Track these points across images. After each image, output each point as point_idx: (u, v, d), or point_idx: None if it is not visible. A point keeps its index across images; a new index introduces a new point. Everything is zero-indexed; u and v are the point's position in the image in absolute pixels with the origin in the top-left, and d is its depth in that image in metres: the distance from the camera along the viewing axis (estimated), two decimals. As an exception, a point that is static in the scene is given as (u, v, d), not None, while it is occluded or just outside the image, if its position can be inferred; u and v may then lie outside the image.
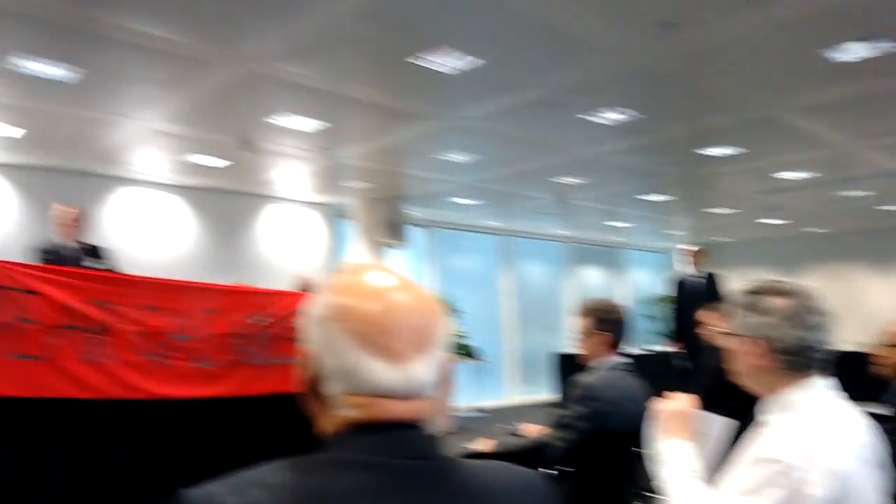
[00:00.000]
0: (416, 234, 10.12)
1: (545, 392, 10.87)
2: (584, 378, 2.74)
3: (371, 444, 0.79)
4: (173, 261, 7.78)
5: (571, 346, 12.17)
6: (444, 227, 11.08)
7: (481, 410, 9.87)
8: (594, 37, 4.07)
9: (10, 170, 6.93)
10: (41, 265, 4.22)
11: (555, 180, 7.94)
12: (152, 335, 3.89)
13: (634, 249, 14.54)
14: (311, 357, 0.83)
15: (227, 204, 8.48)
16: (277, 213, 9.01)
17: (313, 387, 0.84)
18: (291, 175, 7.80)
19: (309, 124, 5.74)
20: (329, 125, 5.78)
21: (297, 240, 9.16)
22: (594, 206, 9.80)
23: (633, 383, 2.79)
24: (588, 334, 2.87)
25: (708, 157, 6.91)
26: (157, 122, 5.67)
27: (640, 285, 14.44)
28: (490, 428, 3.92)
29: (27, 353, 3.44)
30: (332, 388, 0.81)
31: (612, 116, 5.56)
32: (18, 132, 5.83)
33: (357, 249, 8.98)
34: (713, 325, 4.58)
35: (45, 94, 4.92)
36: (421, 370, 0.81)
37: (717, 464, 1.51)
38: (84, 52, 4.25)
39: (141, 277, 4.31)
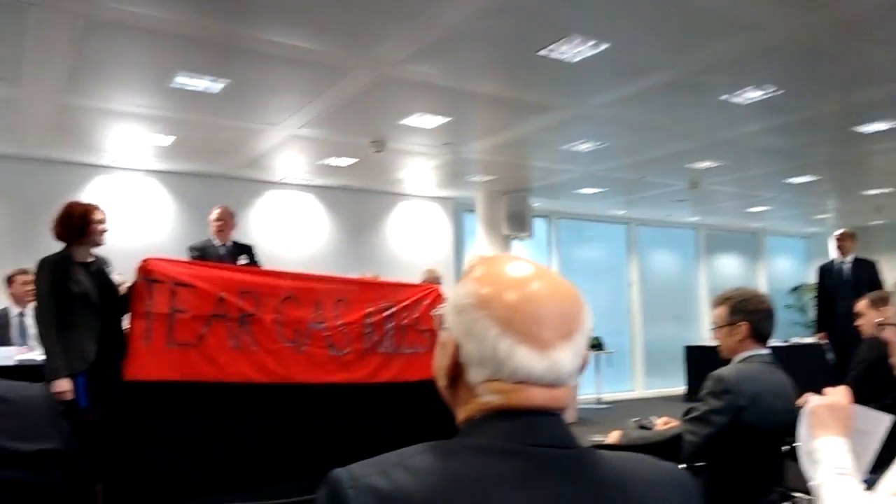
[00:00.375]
0: (539, 225, 10.08)
1: (674, 385, 10.51)
2: (720, 370, 2.62)
3: (512, 431, 0.79)
4: (309, 256, 8.24)
5: (706, 337, 11.63)
6: (568, 218, 10.93)
7: (603, 402, 9.70)
8: (734, 12, 3.87)
9: (165, 176, 7.65)
10: (192, 261, 4.62)
11: (688, 166, 7.62)
12: (290, 324, 4.18)
13: (775, 235, 13.61)
14: (452, 344, 0.83)
15: (357, 202, 8.87)
16: (404, 209, 9.30)
17: (453, 373, 0.84)
18: (418, 171, 8.02)
19: (435, 121, 5.88)
20: (454, 121, 5.88)
21: (423, 234, 9.40)
22: (731, 191, 9.29)
23: (777, 377, 2.63)
24: (724, 325, 2.73)
25: (861, 133, 6.35)
26: (296, 128, 6.04)
27: (781, 273, 13.51)
28: (616, 420, 3.85)
29: (183, 341, 3.80)
30: (473, 374, 0.82)
31: (752, 95, 5.25)
32: (168, 140, 6.42)
33: (481, 242, 9.08)
34: (870, 315, 4.21)
35: (193, 104, 5.37)
36: (566, 358, 0.81)
37: (874, 463, 1.41)
38: (230, 65, 4.61)
39: (280, 271, 4.64)
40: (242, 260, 5.07)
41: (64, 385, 3.35)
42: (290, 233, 8.36)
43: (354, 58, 4.46)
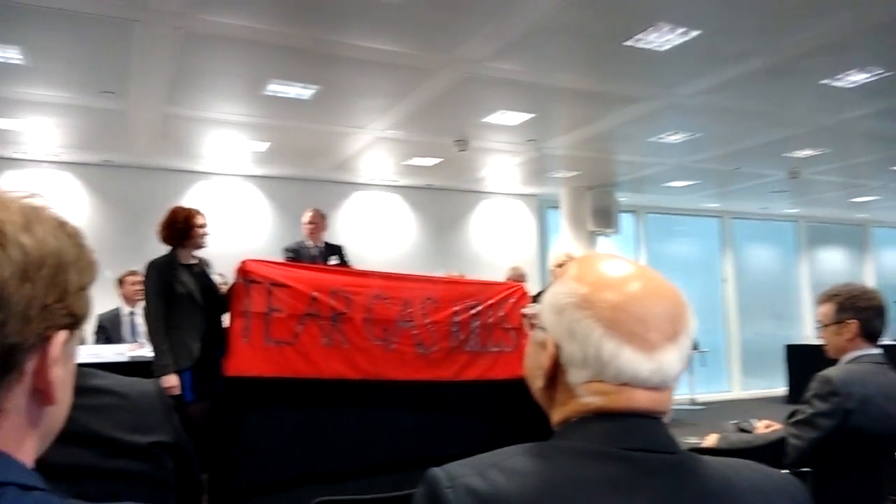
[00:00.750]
0: (626, 221, 9.82)
1: (773, 386, 10.00)
2: (827, 371, 2.46)
3: (612, 433, 0.77)
4: (395, 256, 8.38)
5: (809, 335, 11.02)
6: (657, 212, 10.60)
7: (697, 403, 9.33)
8: (838, -10, 3.64)
9: (260, 180, 7.99)
10: (286, 262, 4.79)
11: (787, 155, 7.22)
12: (379, 322, 4.28)
13: (882, 227, 12.68)
14: (552, 345, 0.82)
15: (441, 201, 8.95)
16: (488, 207, 9.30)
17: (550, 374, 0.83)
18: (501, 169, 8.00)
19: (518, 118, 5.85)
20: (538, 117, 5.82)
21: (507, 232, 9.37)
22: (834, 181, 8.73)
23: (890, 378, 2.46)
24: (832, 323, 2.57)
25: None
26: (382, 130, 6.15)
27: (890, 268, 12.58)
28: (711, 422, 3.70)
29: (280, 339, 3.95)
30: (574, 375, 0.80)
31: (855, 78, 4.92)
32: (263, 146, 6.68)
33: (566, 239, 8.94)
34: None
35: (284, 111, 5.58)
36: (672, 360, 0.79)
37: None
38: (320, 72, 4.75)
39: (369, 271, 4.74)
40: (333, 260, 5.22)
41: (172, 380, 3.55)
42: (377, 233, 8.53)
43: (438, 58, 4.50)
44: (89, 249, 0.64)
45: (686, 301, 0.84)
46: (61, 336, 0.59)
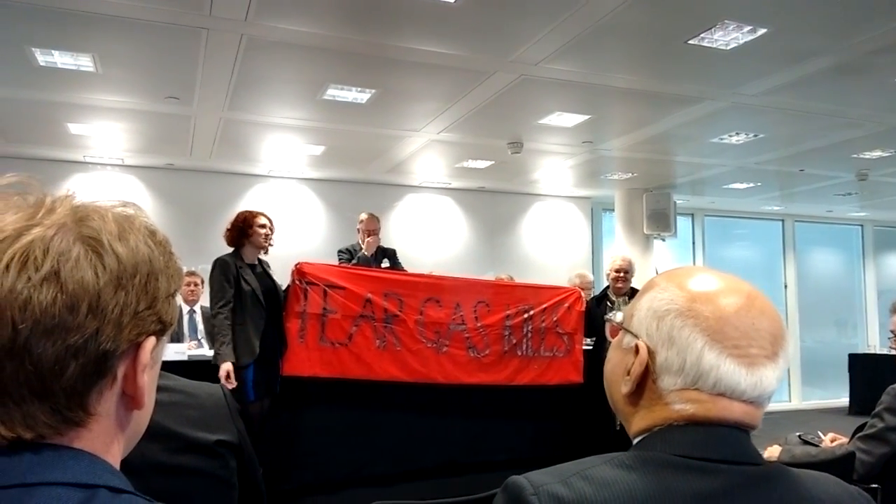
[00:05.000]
0: (682, 224, 9.59)
1: (835, 396, 9.62)
2: None
3: (703, 443, 0.77)
4: (447, 258, 8.38)
5: (874, 344, 10.56)
6: (715, 215, 10.33)
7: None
8: (917, -16, 3.46)
9: (316, 183, 8.11)
10: (341, 265, 4.83)
11: (855, 156, 6.92)
12: (431, 325, 4.29)
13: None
14: (646, 350, 0.82)
15: (494, 203, 8.92)
16: (540, 210, 9.21)
17: (639, 380, 0.82)
18: (554, 171, 7.91)
19: (574, 119, 5.77)
20: (594, 118, 5.74)
21: (560, 235, 9.26)
22: (906, 182, 8.34)
23: None
24: None
25: None
26: (436, 133, 6.16)
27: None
28: (770, 433, 3.56)
29: (335, 340, 4.00)
30: (666, 382, 0.80)
31: (935, 75, 4.68)
32: (319, 149, 6.77)
33: (620, 242, 8.78)
34: None
35: (341, 115, 5.64)
36: (770, 377, 0.79)
37: None
38: (376, 76, 4.78)
39: (422, 273, 4.76)
40: (385, 263, 5.25)
41: (229, 367, 3.61)
42: (429, 235, 8.56)
43: (495, 60, 4.47)
44: (177, 257, 0.65)
45: (784, 322, 0.84)
46: (150, 342, 0.60)
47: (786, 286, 10.63)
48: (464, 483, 3.94)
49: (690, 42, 4.14)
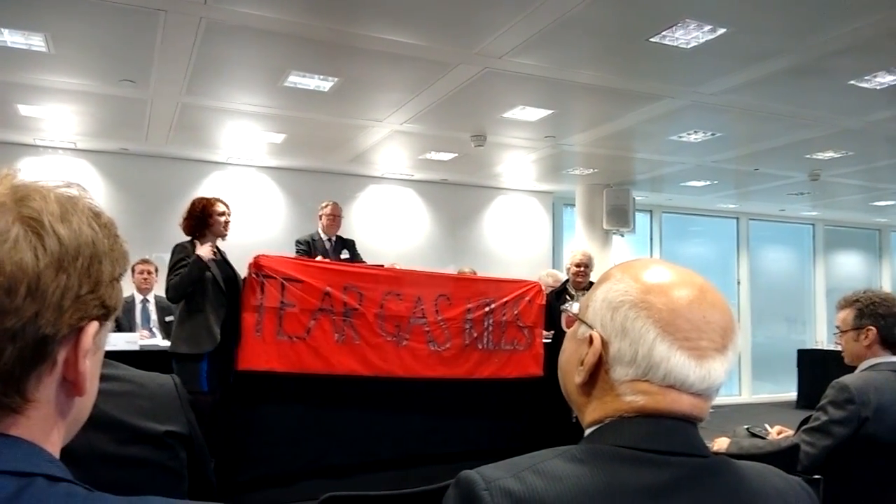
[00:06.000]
0: (641, 220, 9.74)
1: (784, 391, 9.93)
2: (844, 378, 2.43)
3: (651, 434, 0.78)
4: (408, 251, 8.34)
5: (822, 340, 10.89)
6: (673, 212, 10.52)
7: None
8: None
9: (276, 171, 7.98)
10: (299, 257, 4.77)
11: (809, 156, 7.12)
12: (391, 318, 4.26)
13: (904, 232, 12.52)
14: (600, 341, 0.82)
15: (456, 196, 8.91)
16: (502, 204, 9.25)
17: (592, 370, 0.83)
18: (517, 165, 7.95)
19: (538, 114, 5.79)
20: (557, 113, 5.77)
21: (521, 228, 9.32)
22: (855, 184, 8.62)
23: None
24: (850, 329, 2.53)
25: None
26: (399, 123, 6.12)
27: (911, 273, 12.42)
28: (720, 425, 3.65)
29: (292, 334, 3.95)
30: (618, 373, 0.80)
31: (884, 80, 4.84)
32: (279, 137, 6.67)
33: (580, 237, 8.88)
34: None
35: (303, 102, 5.55)
36: (719, 371, 0.80)
37: None
38: (339, 64, 4.72)
39: (382, 266, 4.72)
40: (344, 254, 5.20)
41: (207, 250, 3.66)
42: (390, 227, 8.51)
43: (460, 52, 4.45)
44: (122, 240, 0.63)
45: (735, 316, 0.85)
46: (93, 327, 0.59)
47: (739, 282, 10.91)
48: (421, 475, 3.94)
49: (652, 40, 4.19)
